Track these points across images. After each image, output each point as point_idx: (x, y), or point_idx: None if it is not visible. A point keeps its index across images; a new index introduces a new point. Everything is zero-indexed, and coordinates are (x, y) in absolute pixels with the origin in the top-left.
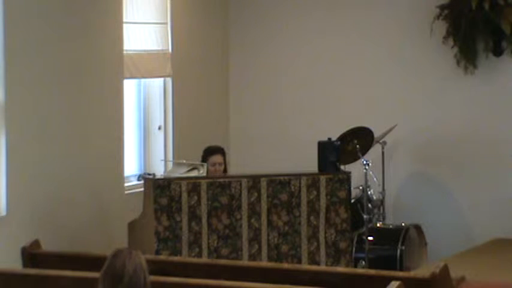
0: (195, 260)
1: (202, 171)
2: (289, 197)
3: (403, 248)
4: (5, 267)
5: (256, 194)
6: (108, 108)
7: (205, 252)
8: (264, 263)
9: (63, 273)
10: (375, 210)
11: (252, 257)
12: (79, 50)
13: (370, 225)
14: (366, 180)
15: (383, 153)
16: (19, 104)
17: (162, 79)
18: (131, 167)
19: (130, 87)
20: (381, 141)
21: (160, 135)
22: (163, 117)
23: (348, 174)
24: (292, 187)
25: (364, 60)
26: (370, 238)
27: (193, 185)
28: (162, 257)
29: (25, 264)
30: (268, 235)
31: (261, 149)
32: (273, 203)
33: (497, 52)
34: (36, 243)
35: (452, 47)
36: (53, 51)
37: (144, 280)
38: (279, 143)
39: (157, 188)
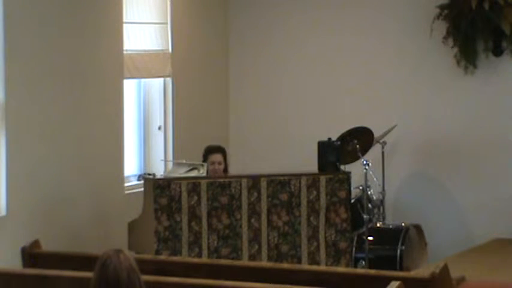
0: (195, 260)
1: (202, 171)
2: (289, 197)
3: (403, 248)
4: (5, 267)
5: (256, 194)
6: (108, 108)
7: (205, 252)
8: (264, 263)
9: (63, 273)
10: (375, 210)
11: (252, 257)
12: (79, 50)
13: (370, 225)
14: (366, 180)
15: (383, 153)
16: (19, 104)
17: (162, 79)
18: (131, 167)
19: (130, 87)
20: (381, 141)
21: (160, 135)
22: (163, 117)
23: (348, 174)
24: (292, 187)
25: (364, 60)
26: (370, 238)
27: (193, 185)
28: (162, 257)
29: (25, 264)
30: (268, 235)
31: (261, 149)
32: (273, 203)
33: (497, 52)
34: (36, 243)
35: (452, 47)
36: (53, 51)
37: (139, 281)
38: (279, 143)
39: (157, 188)
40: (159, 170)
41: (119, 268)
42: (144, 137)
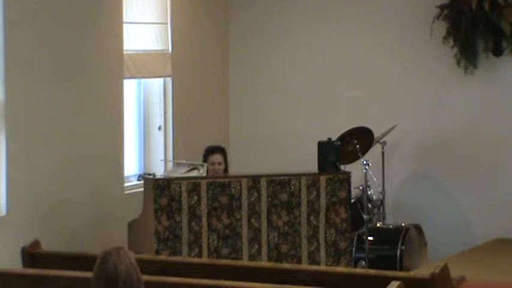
0: (195, 260)
1: (202, 171)
2: (289, 197)
3: (403, 248)
4: (5, 267)
5: (256, 194)
6: (108, 108)
7: (205, 252)
8: (264, 263)
9: (63, 273)
10: (375, 210)
11: (252, 257)
12: (79, 50)
13: (370, 225)
14: (366, 180)
15: (383, 153)
16: (19, 104)
17: (162, 79)
18: (131, 167)
19: (130, 87)
20: (380, 141)
21: (160, 135)
22: (163, 117)
23: (348, 174)
24: (292, 187)
25: (364, 60)
26: (370, 238)
27: (193, 185)
28: (162, 257)
29: (25, 264)
30: (268, 235)
31: (261, 148)
32: (273, 203)
33: (497, 52)
34: (36, 243)
35: (452, 47)
36: (53, 51)
37: (138, 278)
38: (279, 143)
39: (157, 188)
40: (159, 170)
41: (118, 263)
42: (144, 137)
